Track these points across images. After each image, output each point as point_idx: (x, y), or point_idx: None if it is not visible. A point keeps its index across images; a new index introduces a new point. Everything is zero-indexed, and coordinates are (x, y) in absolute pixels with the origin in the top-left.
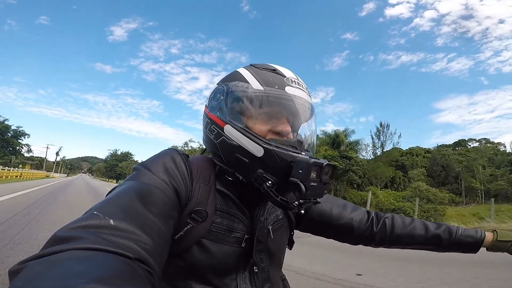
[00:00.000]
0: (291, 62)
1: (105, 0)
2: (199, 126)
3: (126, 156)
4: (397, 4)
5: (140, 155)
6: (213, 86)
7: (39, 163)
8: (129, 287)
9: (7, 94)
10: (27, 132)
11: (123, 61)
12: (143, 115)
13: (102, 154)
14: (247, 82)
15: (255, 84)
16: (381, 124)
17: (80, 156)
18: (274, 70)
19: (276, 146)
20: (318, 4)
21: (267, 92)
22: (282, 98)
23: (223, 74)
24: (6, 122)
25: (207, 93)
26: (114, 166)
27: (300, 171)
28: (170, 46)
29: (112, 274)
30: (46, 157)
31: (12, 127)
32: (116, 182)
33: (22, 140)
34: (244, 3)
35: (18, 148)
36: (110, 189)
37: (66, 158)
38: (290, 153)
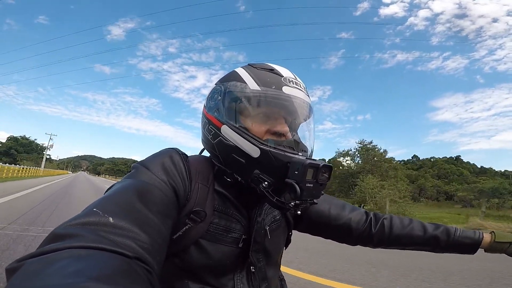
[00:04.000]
0: (287, 61)
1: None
2: (198, 125)
3: (103, 163)
4: (391, 3)
5: (140, 153)
6: (211, 85)
7: (56, 165)
8: (127, 286)
9: (6, 92)
10: (47, 146)
11: (121, 60)
12: (142, 113)
13: (101, 152)
14: (244, 82)
15: (252, 84)
16: None
17: (80, 155)
18: (272, 70)
19: (272, 147)
20: (313, 3)
21: (264, 92)
22: (279, 98)
23: (221, 73)
24: (36, 141)
25: (205, 91)
26: (97, 167)
27: (296, 172)
28: (168, 45)
29: (111, 273)
30: (54, 158)
31: (40, 144)
32: (98, 175)
33: (45, 151)
34: (240, 3)
35: (41, 156)
36: (108, 186)
37: (67, 157)
38: (286, 154)
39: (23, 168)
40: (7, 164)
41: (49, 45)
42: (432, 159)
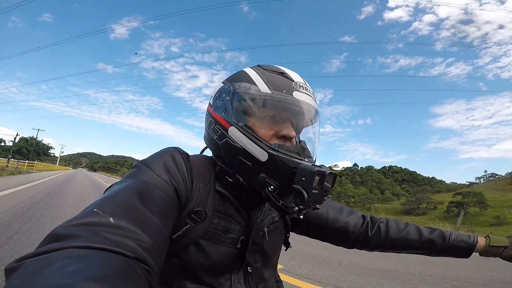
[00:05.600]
0: (289, 62)
1: None
2: (199, 124)
3: (98, 162)
4: (396, 7)
5: (141, 151)
6: (214, 84)
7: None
8: (127, 286)
9: (10, 88)
10: (52, 147)
11: (124, 58)
12: (143, 112)
13: (101, 150)
14: (255, 84)
15: (263, 87)
16: None
17: (80, 152)
18: (283, 74)
19: (280, 152)
20: (317, 6)
21: (275, 96)
22: (290, 103)
23: (223, 73)
24: (42, 142)
25: (207, 91)
26: (93, 165)
27: (303, 179)
28: (170, 44)
29: (110, 273)
30: (60, 156)
31: (45, 144)
32: (94, 171)
33: (50, 150)
34: (244, 4)
35: (47, 155)
36: (109, 185)
37: (68, 153)
38: (293, 159)
39: (47, 164)
40: (39, 161)
41: (53, 42)
42: (369, 168)
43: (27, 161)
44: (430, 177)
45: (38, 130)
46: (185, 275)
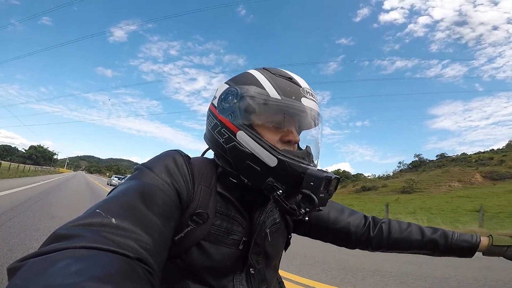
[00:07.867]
0: (286, 65)
1: (104, 2)
2: (198, 127)
3: (94, 166)
4: (391, 10)
5: (140, 155)
6: (211, 87)
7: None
8: (129, 286)
9: (9, 91)
10: (56, 153)
11: (123, 61)
12: (142, 115)
13: (100, 153)
14: (263, 88)
15: (272, 92)
16: None
17: (80, 155)
18: (290, 79)
19: (289, 158)
20: (313, 9)
21: (285, 102)
22: (299, 110)
23: (222, 76)
24: (49, 149)
25: (206, 94)
26: (90, 168)
27: (312, 184)
28: (169, 47)
29: (111, 273)
30: (60, 161)
31: (51, 151)
32: (91, 174)
33: (54, 156)
34: (241, 7)
35: (52, 160)
36: (111, 189)
37: (68, 156)
38: (301, 165)
39: (60, 168)
40: (53, 167)
41: (52, 45)
42: None
43: (58, 168)
44: (372, 178)
45: (58, 153)
46: (188, 276)
